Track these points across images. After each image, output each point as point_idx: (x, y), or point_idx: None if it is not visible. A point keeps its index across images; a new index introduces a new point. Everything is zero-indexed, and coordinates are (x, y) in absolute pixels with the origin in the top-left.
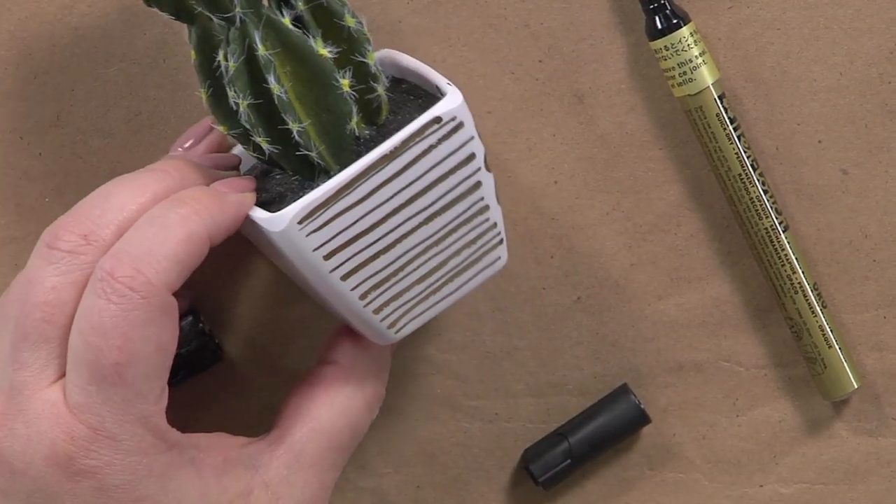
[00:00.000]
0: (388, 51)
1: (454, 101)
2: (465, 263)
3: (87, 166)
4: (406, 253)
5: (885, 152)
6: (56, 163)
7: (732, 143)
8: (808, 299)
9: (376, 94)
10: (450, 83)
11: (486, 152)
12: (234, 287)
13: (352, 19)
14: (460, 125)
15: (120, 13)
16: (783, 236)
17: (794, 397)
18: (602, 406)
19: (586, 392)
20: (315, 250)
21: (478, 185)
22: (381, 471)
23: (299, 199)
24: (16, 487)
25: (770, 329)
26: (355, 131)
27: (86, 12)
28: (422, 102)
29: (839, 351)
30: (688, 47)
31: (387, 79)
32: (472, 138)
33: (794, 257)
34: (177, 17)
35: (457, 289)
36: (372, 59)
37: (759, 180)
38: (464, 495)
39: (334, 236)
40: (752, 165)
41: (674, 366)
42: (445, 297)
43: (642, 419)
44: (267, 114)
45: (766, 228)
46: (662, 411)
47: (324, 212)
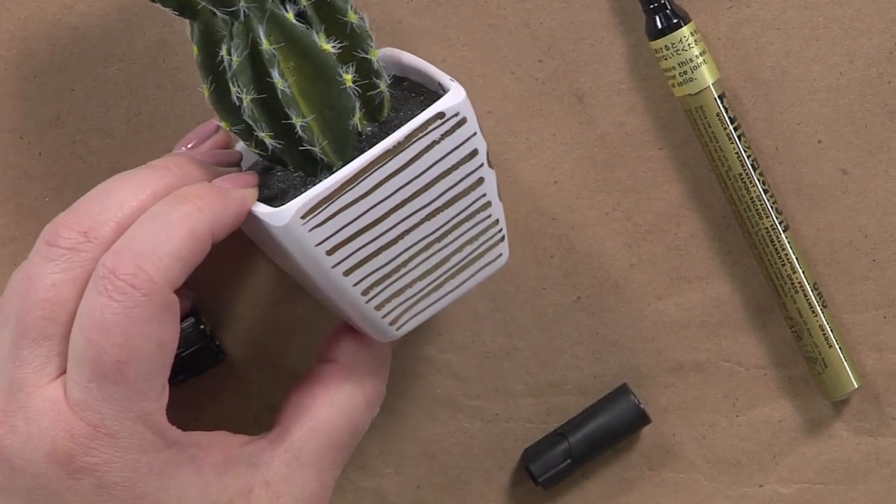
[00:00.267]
0: (390, 49)
1: (457, 97)
2: (467, 260)
3: (86, 166)
4: (409, 249)
5: (884, 152)
6: (56, 163)
7: (733, 142)
8: (808, 299)
9: (378, 90)
10: (452, 79)
11: (489, 149)
12: (234, 287)
13: (354, 15)
14: (463, 121)
15: (120, 13)
16: (783, 236)
17: (794, 397)
18: (602, 406)
19: (586, 392)
20: (318, 245)
21: (480, 181)
22: (382, 471)
23: (302, 194)
24: (16, 484)
25: (770, 329)
26: (358, 127)
27: (85, 12)
28: (423, 100)
29: (839, 351)
30: (688, 47)
31: (388, 77)
32: (474, 134)
33: (794, 257)
34: (180, 13)
35: (458, 285)
36: (374, 55)
37: (759, 180)
38: (464, 495)
39: (337, 231)
40: (753, 165)
41: (674, 366)
42: (447, 293)
43: (642, 419)
44: (270, 109)
45: (767, 228)
46: (662, 411)
47: (327, 207)
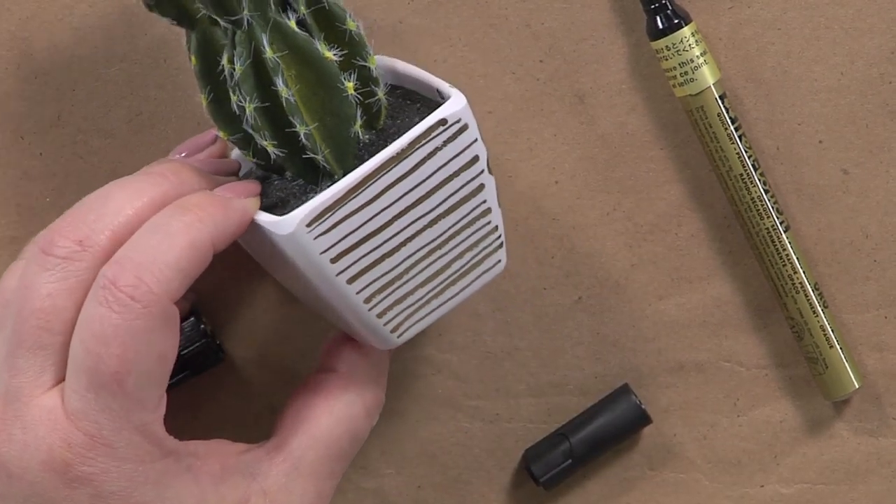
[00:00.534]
0: (384, 57)
1: (459, 104)
2: (467, 266)
3: (87, 166)
4: (411, 256)
5: (885, 152)
6: (57, 163)
7: (733, 143)
8: (809, 299)
9: (376, 97)
10: (452, 86)
11: (489, 155)
12: (235, 287)
13: (353, 23)
14: (465, 127)
15: (121, 13)
16: (784, 236)
17: (794, 397)
18: (603, 406)
19: (587, 392)
20: (322, 253)
21: (481, 187)
22: (383, 471)
23: (305, 202)
24: (12, 492)
25: (771, 329)
26: (359, 135)
27: (87, 12)
28: (420, 107)
29: (840, 351)
30: (689, 47)
31: (385, 85)
32: (475, 140)
33: (795, 257)
34: (178, 22)
35: (459, 292)
36: (373, 62)
37: (760, 180)
38: (465, 495)
39: (342, 239)
40: (753, 165)
41: (675, 366)
42: (448, 300)
43: (643, 419)
44: (272, 117)
45: (767, 228)
46: (663, 411)
47: (332, 214)
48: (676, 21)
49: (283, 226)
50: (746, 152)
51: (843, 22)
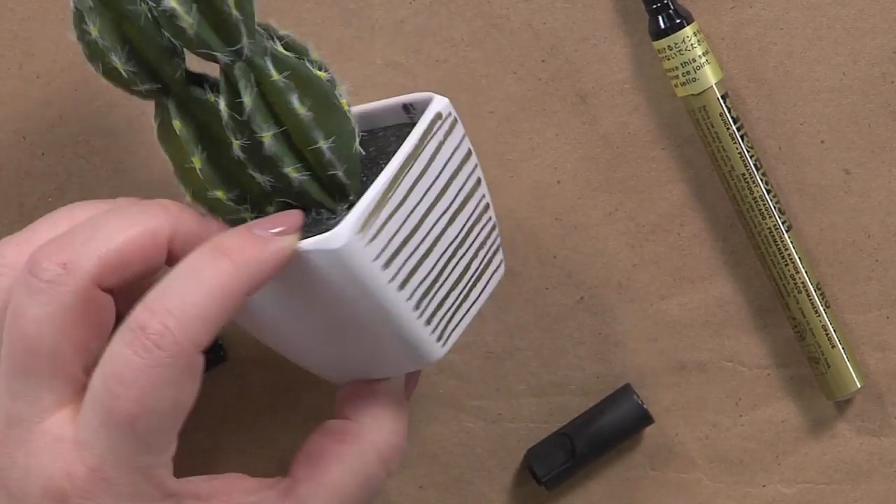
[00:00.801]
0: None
1: (442, 100)
2: (482, 266)
3: (89, 166)
4: (443, 254)
5: (887, 152)
6: (58, 163)
7: (735, 142)
8: (811, 299)
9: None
10: (420, 92)
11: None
12: None
13: (316, 54)
14: (455, 121)
15: None
16: (786, 236)
17: (796, 397)
18: (605, 406)
19: (589, 392)
20: (374, 261)
21: (479, 182)
22: None
23: (329, 226)
24: None
25: (773, 329)
26: (361, 152)
27: None
28: (388, 134)
29: (842, 351)
30: (691, 47)
31: None
32: (464, 135)
33: (797, 257)
34: (147, 95)
35: (479, 294)
36: (340, 87)
37: (762, 180)
38: (466, 495)
39: (388, 243)
40: (756, 165)
41: (676, 366)
42: (473, 303)
43: (645, 419)
44: (289, 143)
45: (770, 228)
46: (665, 411)
47: (376, 218)
48: (678, 21)
49: (335, 239)
50: (748, 152)
51: (846, 22)
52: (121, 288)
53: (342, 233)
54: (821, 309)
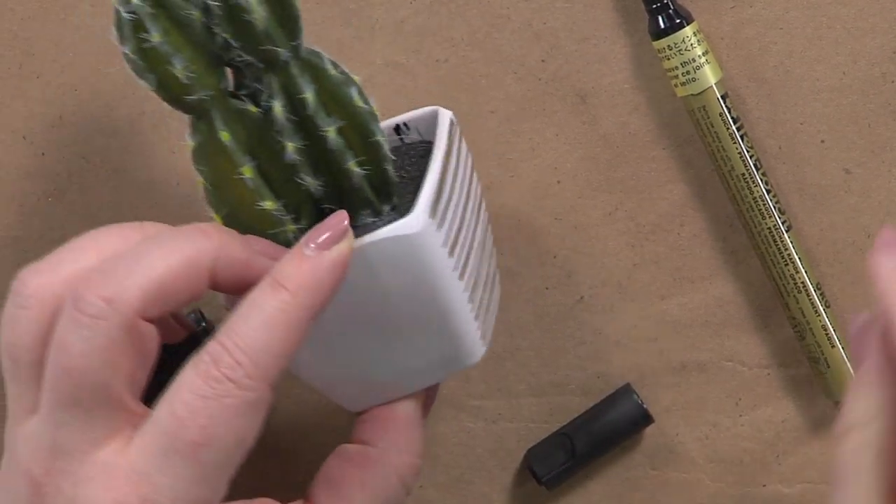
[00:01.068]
0: None
1: (447, 112)
2: (495, 265)
3: (89, 166)
4: (479, 247)
5: (887, 152)
6: (59, 163)
7: (735, 142)
8: (811, 299)
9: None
10: (417, 109)
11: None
12: None
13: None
14: (457, 128)
15: None
16: (786, 236)
17: (796, 397)
18: (605, 406)
19: (589, 392)
20: (442, 246)
21: (478, 179)
22: None
23: (388, 219)
24: None
25: (773, 329)
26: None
27: (88, 12)
28: (419, 150)
29: (842, 350)
30: (691, 47)
31: None
32: (462, 140)
33: (797, 257)
34: (194, 106)
35: (499, 295)
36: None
37: (762, 180)
38: (466, 495)
39: (449, 231)
40: (755, 165)
41: (676, 365)
42: (496, 301)
43: (645, 419)
44: (346, 139)
45: (770, 228)
46: (665, 411)
47: (439, 206)
48: (678, 20)
49: (409, 225)
50: (748, 152)
51: (846, 21)
52: (164, 316)
53: (418, 218)
54: (821, 309)
